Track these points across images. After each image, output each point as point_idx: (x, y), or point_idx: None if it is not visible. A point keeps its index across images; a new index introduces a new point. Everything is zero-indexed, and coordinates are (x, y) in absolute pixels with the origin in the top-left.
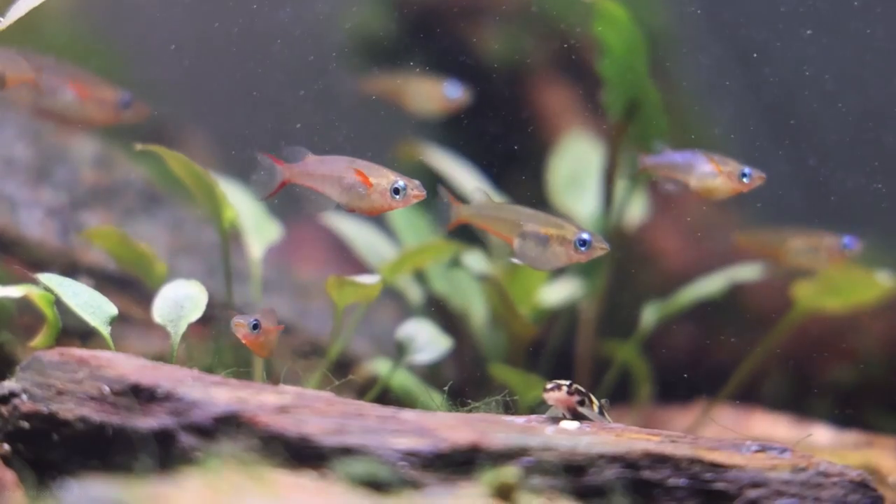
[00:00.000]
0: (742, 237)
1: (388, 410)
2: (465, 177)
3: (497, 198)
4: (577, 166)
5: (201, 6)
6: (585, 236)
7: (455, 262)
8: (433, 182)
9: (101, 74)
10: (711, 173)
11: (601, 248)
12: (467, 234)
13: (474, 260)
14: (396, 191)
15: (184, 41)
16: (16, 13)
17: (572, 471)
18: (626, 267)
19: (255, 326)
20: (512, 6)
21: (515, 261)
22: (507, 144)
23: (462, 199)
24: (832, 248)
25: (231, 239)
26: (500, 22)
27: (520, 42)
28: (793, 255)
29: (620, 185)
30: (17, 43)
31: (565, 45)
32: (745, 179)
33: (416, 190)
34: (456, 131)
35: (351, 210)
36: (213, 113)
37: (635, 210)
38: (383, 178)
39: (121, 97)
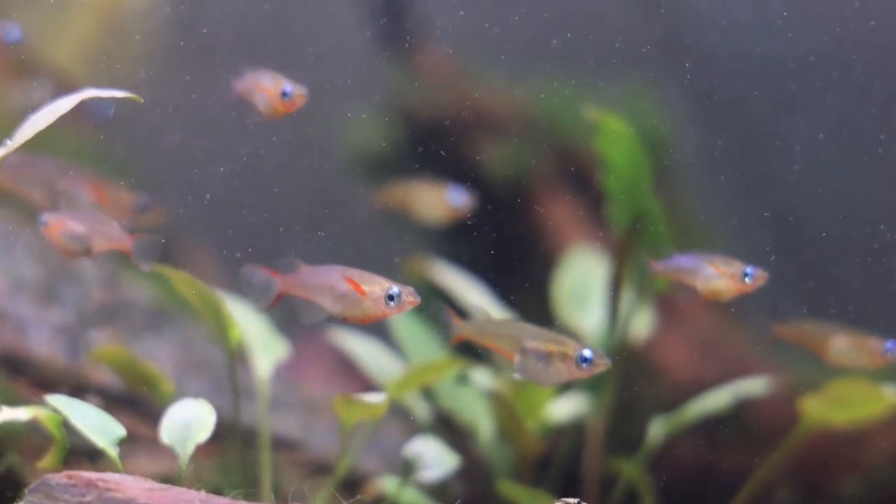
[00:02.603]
0: (785, 329)
1: None
2: (470, 292)
3: (499, 314)
4: (581, 280)
5: (204, 116)
6: (587, 353)
7: (462, 379)
8: (439, 296)
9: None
10: (714, 275)
11: (603, 364)
12: (474, 351)
13: (481, 376)
14: (391, 297)
15: (190, 153)
16: (26, 133)
17: None
18: (632, 381)
19: None
20: (516, 122)
21: (517, 376)
22: (512, 259)
23: (464, 313)
24: (875, 351)
25: (238, 356)
26: (504, 137)
27: (524, 157)
28: (835, 352)
29: (626, 299)
30: (30, 147)
31: (569, 160)
32: (747, 279)
33: (410, 297)
34: (461, 247)
35: (345, 319)
36: (218, 226)
37: (641, 324)
38: (377, 286)
39: (138, 200)
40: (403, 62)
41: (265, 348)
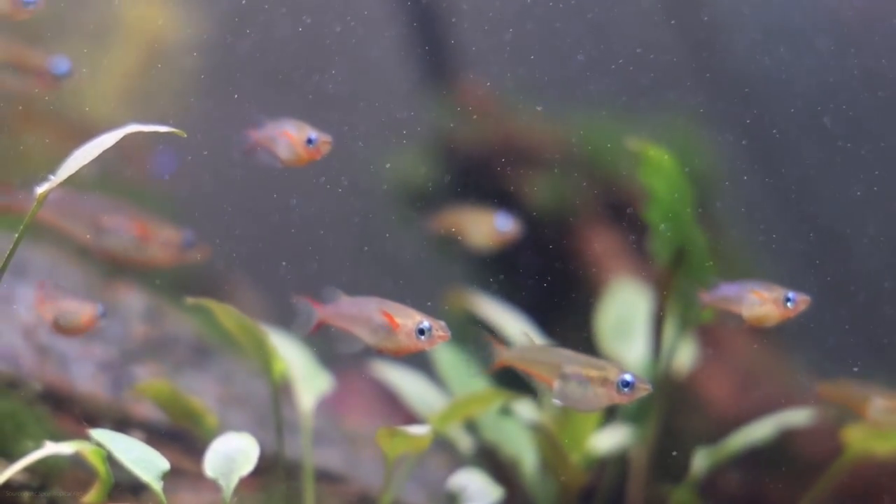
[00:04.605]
0: (825, 388)
1: None
2: (512, 324)
3: (540, 341)
4: (624, 312)
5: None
6: (628, 377)
7: (505, 411)
8: (482, 328)
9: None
10: (757, 302)
11: (644, 389)
12: (518, 383)
13: (525, 408)
14: (422, 331)
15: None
16: (70, 168)
17: None
18: (675, 413)
19: None
20: (557, 153)
21: (556, 402)
22: (555, 291)
23: (505, 342)
24: None
25: (281, 390)
26: (546, 169)
27: (565, 189)
28: (873, 412)
29: (669, 332)
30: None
31: (611, 192)
32: (789, 304)
33: (440, 331)
34: (504, 279)
35: (380, 351)
36: (261, 261)
37: (684, 356)
38: (409, 320)
39: (184, 237)
40: (445, 96)
41: (308, 382)
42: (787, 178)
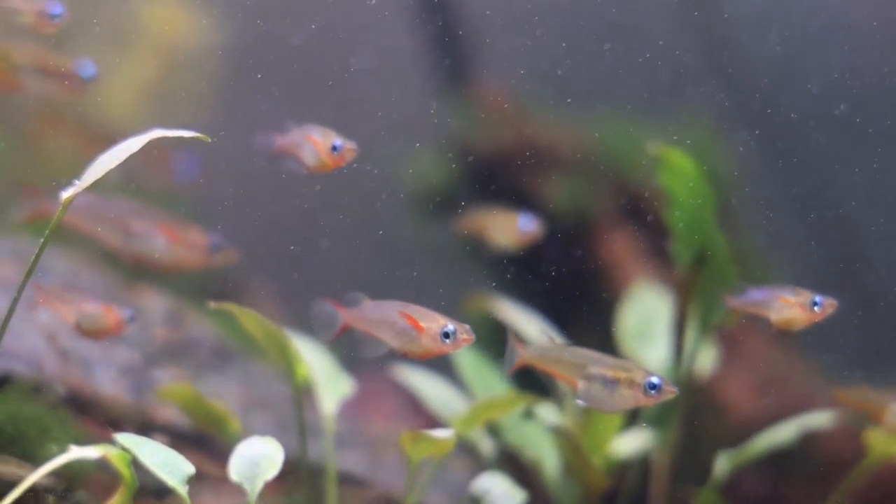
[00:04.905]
0: (841, 394)
1: None
2: (532, 327)
3: (561, 341)
4: (645, 316)
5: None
6: (655, 379)
7: (527, 414)
8: (502, 332)
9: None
10: (785, 306)
11: (671, 392)
12: (539, 386)
13: (547, 412)
14: (446, 335)
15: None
16: (95, 173)
17: None
18: (696, 417)
19: None
20: (575, 156)
21: (579, 402)
22: (575, 295)
23: (526, 342)
24: None
25: (304, 394)
26: (564, 172)
27: (584, 191)
28: (892, 418)
29: (691, 335)
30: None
31: (630, 195)
32: (816, 308)
33: (465, 334)
34: (523, 282)
35: (404, 355)
36: (281, 264)
37: (705, 360)
38: (434, 323)
39: (212, 241)
40: (464, 99)
41: (330, 385)
42: (806, 180)
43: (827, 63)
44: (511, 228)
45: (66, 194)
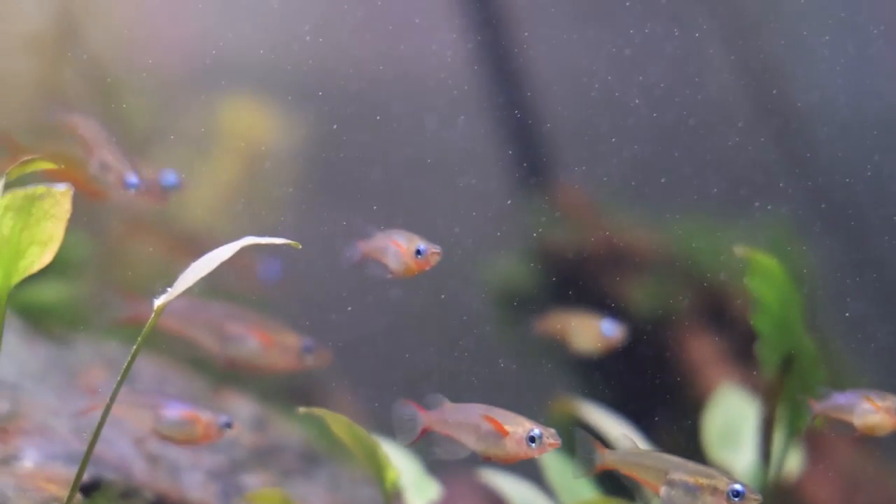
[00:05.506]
0: None
1: None
2: (617, 430)
3: (644, 446)
4: (731, 420)
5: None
6: (738, 487)
7: None
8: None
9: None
10: (870, 410)
11: (755, 499)
12: (626, 491)
13: None
14: (532, 439)
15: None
16: (187, 280)
17: None
18: None
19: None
20: (656, 257)
21: None
22: (658, 398)
23: (609, 446)
24: None
25: (393, 498)
26: (645, 273)
27: (665, 292)
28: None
29: (778, 439)
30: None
31: (711, 297)
32: None
33: (551, 438)
34: (606, 385)
35: (487, 458)
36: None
37: (792, 463)
38: (519, 427)
39: (303, 343)
40: (542, 201)
41: (418, 490)
42: (887, 283)
43: None
44: (593, 333)
45: (158, 301)
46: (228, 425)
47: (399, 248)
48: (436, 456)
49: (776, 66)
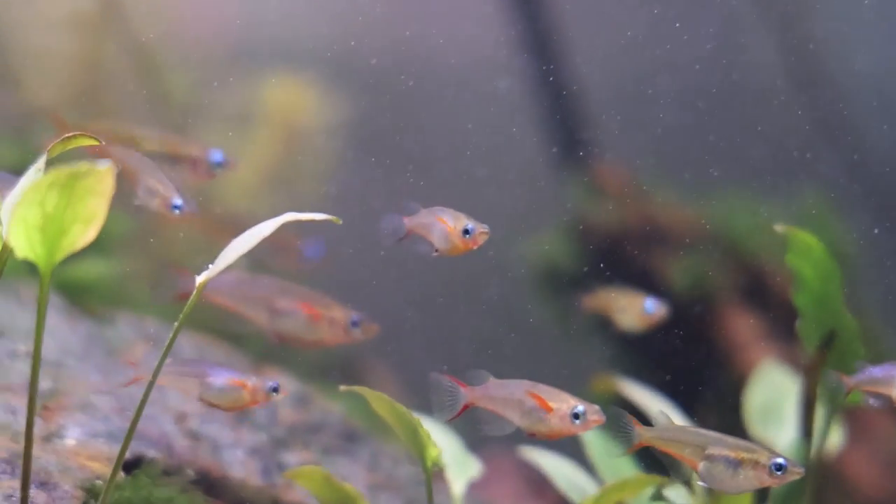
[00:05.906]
0: None
1: None
2: (657, 407)
3: (680, 422)
4: (772, 396)
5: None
6: (781, 461)
7: (657, 496)
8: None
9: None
10: None
11: (797, 473)
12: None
13: (676, 494)
14: (576, 416)
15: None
16: (228, 257)
17: None
18: (824, 496)
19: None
20: (695, 235)
21: (701, 484)
22: (699, 375)
23: (646, 422)
24: None
25: (434, 476)
26: (685, 251)
27: (705, 270)
28: None
29: (820, 416)
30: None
31: (752, 273)
32: None
33: (595, 415)
34: (648, 362)
35: (531, 435)
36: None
37: (833, 439)
38: (563, 403)
39: (351, 317)
40: (583, 179)
41: (458, 467)
42: None
43: None
44: (636, 311)
45: (200, 278)
46: (275, 390)
47: (446, 227)
48: (482, 433)
49: (821, 39)
